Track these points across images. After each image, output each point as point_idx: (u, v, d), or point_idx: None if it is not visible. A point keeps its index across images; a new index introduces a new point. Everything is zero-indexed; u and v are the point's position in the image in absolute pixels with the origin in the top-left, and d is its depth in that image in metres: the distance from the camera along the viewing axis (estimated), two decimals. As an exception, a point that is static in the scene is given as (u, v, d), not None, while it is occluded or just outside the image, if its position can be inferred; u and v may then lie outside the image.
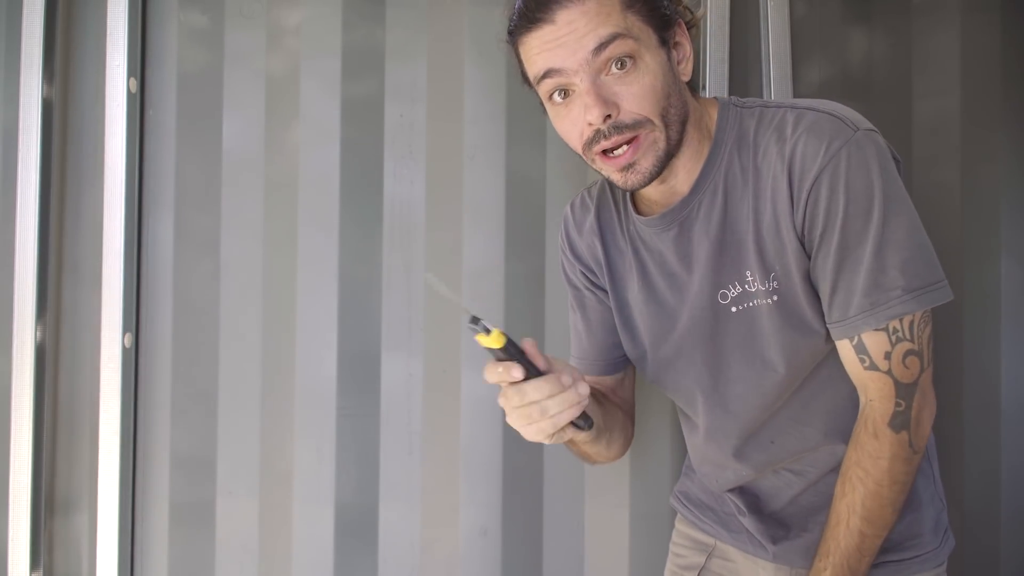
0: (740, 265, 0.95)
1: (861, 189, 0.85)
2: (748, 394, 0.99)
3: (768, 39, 1.33)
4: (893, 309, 0.86)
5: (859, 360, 0.90)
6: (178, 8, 1.41)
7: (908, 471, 0.90)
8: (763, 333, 0.96)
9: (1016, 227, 1.35)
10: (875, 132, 0.88)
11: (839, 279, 0.88)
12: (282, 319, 1.40)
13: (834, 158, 0.86)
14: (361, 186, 1.40)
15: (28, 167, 1.33)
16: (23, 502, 1.33)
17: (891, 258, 0.86)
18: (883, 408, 0.89)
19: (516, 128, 1.38)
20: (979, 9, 1.36)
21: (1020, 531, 1.34)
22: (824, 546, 0.93)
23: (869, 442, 0.90)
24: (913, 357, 0.88)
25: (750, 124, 0.94)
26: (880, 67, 1.37)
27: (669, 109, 0.90)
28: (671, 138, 0.91)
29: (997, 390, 1.35)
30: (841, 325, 0.89)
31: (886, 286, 0.86)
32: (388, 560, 1.39)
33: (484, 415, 1.38)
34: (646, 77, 0.87)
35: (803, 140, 0.88)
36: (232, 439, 1.40)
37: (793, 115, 0.91)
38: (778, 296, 0.93)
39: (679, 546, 1.21)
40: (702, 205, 0.97)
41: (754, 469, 1.04)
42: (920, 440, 0.90)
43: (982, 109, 1.35)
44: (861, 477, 0.90)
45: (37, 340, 1.34)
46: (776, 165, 0.90)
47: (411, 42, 1.40)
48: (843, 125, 0.87)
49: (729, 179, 0.95)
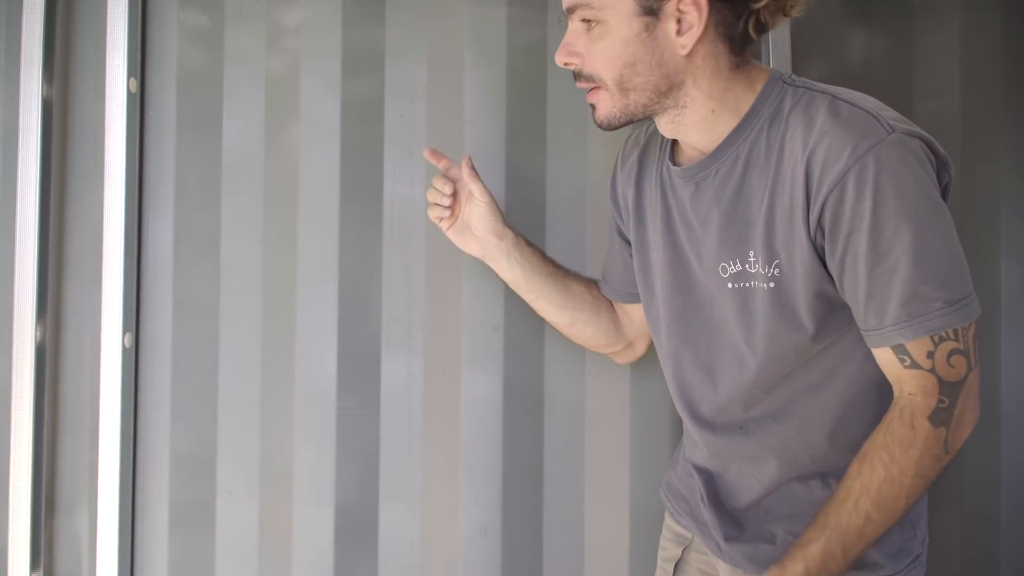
0: (745, 243, 0.95)
1: (893, 193, 0.82)
2: (730, 368, 1.00)
3: (768, 39, 1.32)
4: (934, 322, 0.83)
5: (899, 360, 0.87)
6: (178, 8, 1.41)
7: (935, 468, 0.87)
8: (754, 315, 0.96)
9: (1016, 227, 1.35)
10: (913, 136, 0.85)
11: (873, 286, 0.85)
12: (282, 319, 1.40)
13: (861, 159, 0.83)
14: (361, 186, 1.40)
15: (28, 167, 1.33)
16: (23, 502, 1.32)
17: (930, 268, 0.83)
18: (925, 402, 0.86)
19: (516, 128, 1.38)
20: (979, 9, 1.35)
21: (1020, 531, 1.34)
22: (822, 518, 0.89)
23: (902, 431, 0.86)
24: (959, 356, 0.85)
25: (788, 103, 0.92)
26: (880, 67, 1.37)
27: (633, 77, 0.92)
28: (631, 103, 0.94)
29: (997, 390, 1.35)
30: (877, 334, 0.87)
31: (926, 297, 0.83)
32: (388, 560, 1.39)
33: (484, 415, 1.38)
34: (605, 41, 0.92)
35: (830, 136, 0.85)
36: (232, 439, 1.40)
37: (827, 104, 0.88)
38: (775, 284, 0.92)
39: (665, 539, 1.23)
40: (719, 172, 0.97)
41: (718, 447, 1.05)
42: (956, 442, 0.87)
43: (982, 109, 1.35)
44: (885, 461, 0.87)
45: (37, 340, 1.34)
46: (798, 152, 0.88)
47: (411, 42, 1.40)
48: (877, 125, 0.84)
49: (753, 153, 0.94)
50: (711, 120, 0.96)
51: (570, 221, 1.38)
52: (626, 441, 1.38)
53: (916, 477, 0.86)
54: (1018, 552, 1.34)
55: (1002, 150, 1.35)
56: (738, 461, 1.04)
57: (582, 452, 1.38)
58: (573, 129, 1.38)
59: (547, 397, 1.38)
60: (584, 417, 1.38)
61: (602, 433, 1.38)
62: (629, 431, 1.38)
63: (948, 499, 1.34)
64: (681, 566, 1.17)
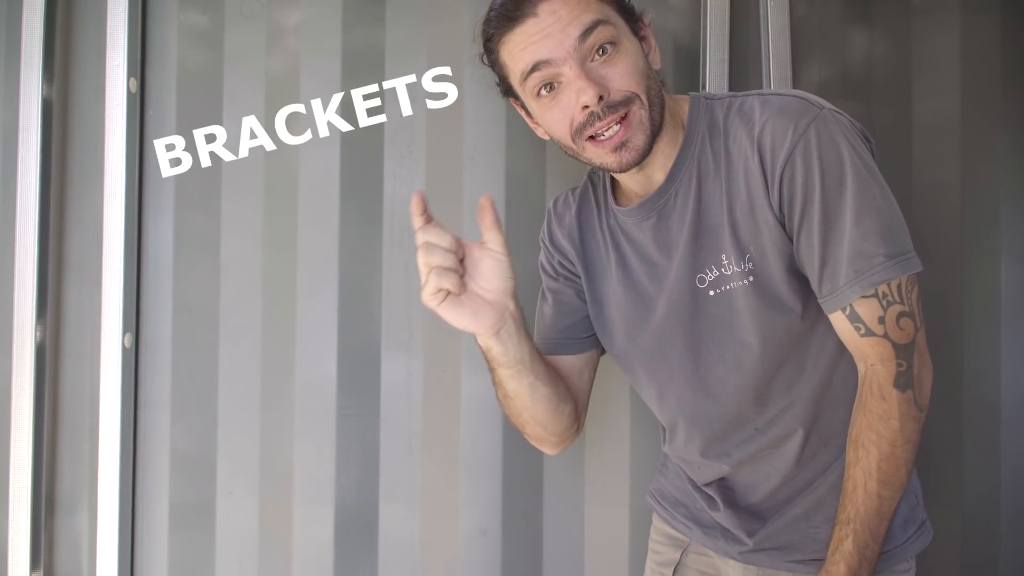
0: (716, 249, 0.98)
1: (834, 161, 0.89)
2: (728, 376, 1.01)
3: (768, 39, 1.33)
4: (878, 275, 0.88)
5: (854, 329, 0.91)
6: (178, 8, 1.41)
7: (917, 429, 0.92)
8: (740, 314, 0.97)
9: (1016, 227, 1.35)
10: (840, 112, 0.92)
11: (827, 251, 0.90)
12: (282, 319, 1.40)
13: (804, 135, 0.89)
14: (361, 186, 1.40)
15: (28, 167, 1.33)
16: (23, 502, 1.33)
17: (870, 225, 0.88)
18: (886, 370, 0.91)
19: (516, 128, 1.38)
20: (979, 9, 1.35)
21: (1020, 532, 1.34)
22: (844, 514, 0.93)
23: (877, 405, 0.91)
24: (906, 319, 0.90)
25: (720, 113, 0.98)
26: (880, 67, 1.37)
27: (651, 89, 0.95)
28: (655, 118, 0.95)
29: (997, 390, 1.35)
30: (832, 297, 0.91)
31: (868, 253, 0.88)
32: (388, 560, 1.39)
33: (484, 415, 1.38)
34: (628, 58, 0.93)
35: (771, 121, 0.91)
36: (232, 439, 1.40)
37: (759, 100, 0.95)
38: (754, 277, 0.95)
39: (656, 543, 1.21)
40: (679, 193, 1.00)
41: (734, 461, 1.05)
42: (924, 398, 0.92)
43: (982, 109, 1.35)
44: (874, 440, 0.91)
45: (37, 340, 1.34)
46: (746, 147, 0.93)
47: (411, 42, 1.40)
48: (808, 104, 0.91)
49: (702, 166, 0.98)
50: (672, 142, 1.00)
51: (570, 221, 1.38)
52: (626, 441, 1.38)
53: (905, 444, 0.91)
54: (1018, 552, 1.34)
55: (1002, 150, 1.35)
56: (748, 464, 1.05)
57: (582, 452, 1.38)
58: (573, 129, 1.38)
59: (547, 397, 1.38)
60: (584, 417, 1.38)
61: (602, 433, 1.38)
62: (629, 431, 1.38)
63: (948, 499, 1.34)
64: (680, 570, 1.16)
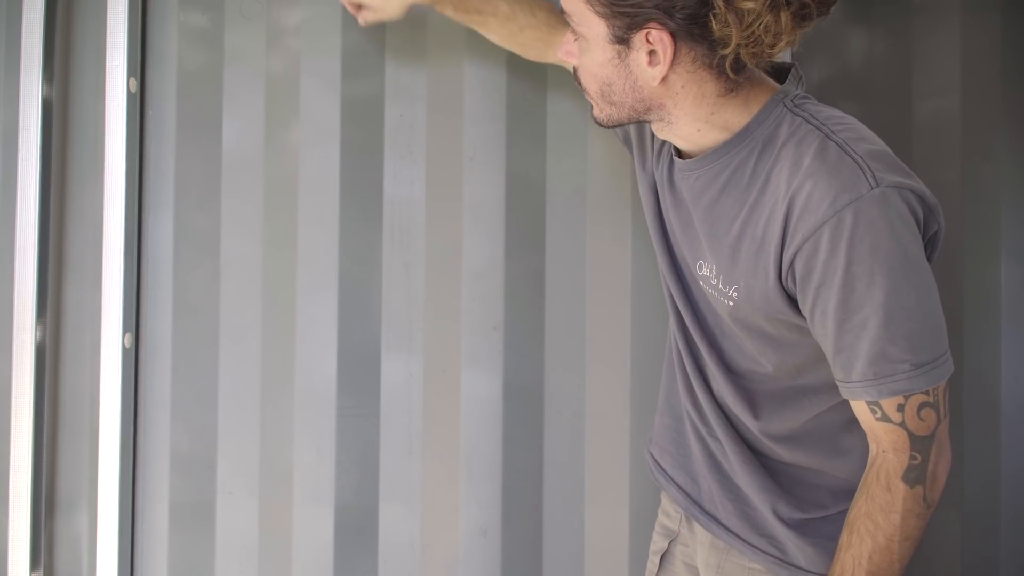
0: (710, 259, 0.97)
1: (866, 251, 0.80)
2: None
3: (768, 39, 1.32)
4: (900, 384, 0.83)
5: (870, 411, 0.87)
6: (178, 8, 1.41)
7: (920, 527, 0.87)
8: (722, 314, 0.99)
9: (1016, 227, 1.35)
10: (901, 187, 0.82)
11: (841, 341, 0.85)
12: (282, 319, 1.40)
13: (839, 213, 0.80)
14: (361, 186, 1.40)
15: (28, 167, 1.33)
16: (23, 502, 1.33)
17: (901, 328, 0.82)
18: (898, 460, 0.86)
19: (516, 128, 1.38)
20: (979, 9, 1.35)
21: (1020, 533, 1.34)
22: None
23: (881, 494, 0.87)
24: (929, 409, 0.84)
25: (783, 131, 0.89)
26: (880, 67, 1.37)
27: (611, 94, 0.93)
28: (614, 113, 0.94)
29: (997, 390, 1.35)
30: (845, 386, 0.87)
31: (893, 358, 0.82)
32: (388, 560, 1.39)
33: (484, 415, 1.38)
34: (587, 56, 0.92)
35: (811, 181, 0.83)
36: (232, 439, 1.40)
37: (818, 144, 0.85)
38: (734, 304, 0.95)
39: (656, 532, 1.24)
40: (700, 179, 0.97)
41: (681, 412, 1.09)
42: (935, 495, 0.87)
43: (982, 109, 1.35)
44: (871, 530, 0.87)
45: (37, 340, 1.34)
46: (780, 192, 0.86)
47: (411, 42, 1.40)
48: (861, 177, 0.81)
49: (736, 175, 0.92)
50: (698, 136, 0.94)
51: (570, 221, 1.38)
52: (626, 441, 1.38)
53: (904, 540, 0.86)
54: (1018, 553, 1.34)
55: (1002, 150, 1.35)
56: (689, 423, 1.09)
57: (582, 452, 1.38)
58: (573, 129, 1.38)
59: (547, 397, 1.38)
60: (584, 417, 1.38)
61: (602, 433, 1.38)
62: (629, 431, 1.38)
63: (948, 500, 1.33)
64: (667, 558, 1.19)
